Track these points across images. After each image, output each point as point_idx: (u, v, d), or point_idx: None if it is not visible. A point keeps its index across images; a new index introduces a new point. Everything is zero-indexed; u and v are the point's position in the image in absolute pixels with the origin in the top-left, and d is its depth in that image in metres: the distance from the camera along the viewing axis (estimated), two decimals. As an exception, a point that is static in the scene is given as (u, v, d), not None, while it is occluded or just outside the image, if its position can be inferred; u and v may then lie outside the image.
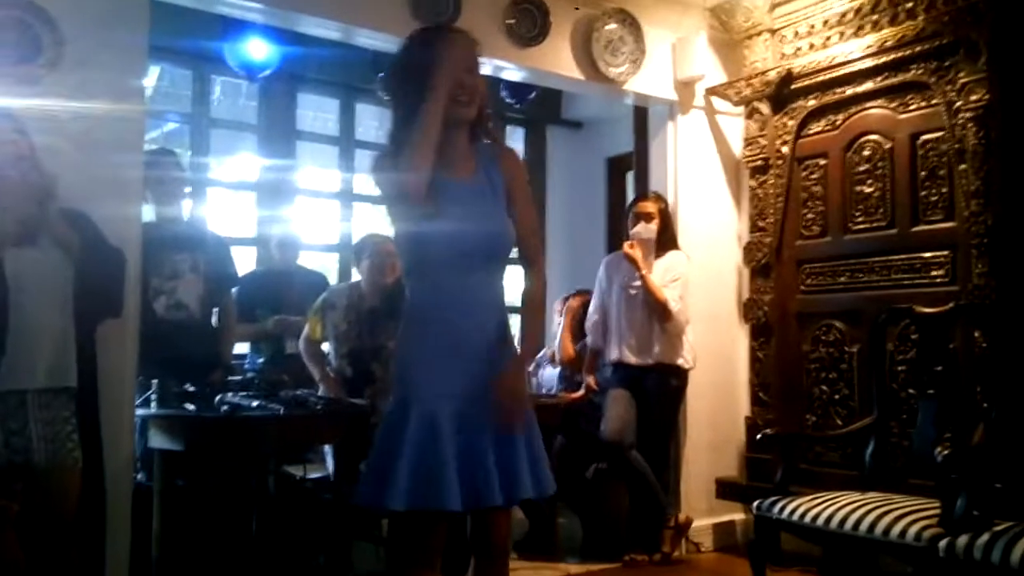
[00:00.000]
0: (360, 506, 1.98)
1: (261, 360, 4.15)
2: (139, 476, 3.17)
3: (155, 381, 3.07)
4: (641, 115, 4.76)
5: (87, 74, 2.90)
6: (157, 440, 3.04)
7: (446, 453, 1.82)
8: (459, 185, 1.93)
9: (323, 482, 3.60)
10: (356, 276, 3.72)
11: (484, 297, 1.96)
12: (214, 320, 3.62)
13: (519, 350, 2.06)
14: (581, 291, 4.62)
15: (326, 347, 3.63)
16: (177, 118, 4.88)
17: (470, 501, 1.83)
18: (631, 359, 3.87)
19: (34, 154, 2.41)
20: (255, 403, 2.99)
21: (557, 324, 4.62)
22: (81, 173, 2.66)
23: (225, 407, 2.96)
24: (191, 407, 2.97)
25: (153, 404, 3.04)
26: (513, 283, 2.17)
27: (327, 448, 3.58)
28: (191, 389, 3.06)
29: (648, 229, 3.84)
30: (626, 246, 3.83)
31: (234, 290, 3.77)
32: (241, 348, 4.19)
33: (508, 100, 5.37)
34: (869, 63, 3.78)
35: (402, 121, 1.91)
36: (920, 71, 3.62)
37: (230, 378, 3.41)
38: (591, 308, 4.14)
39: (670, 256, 3.92)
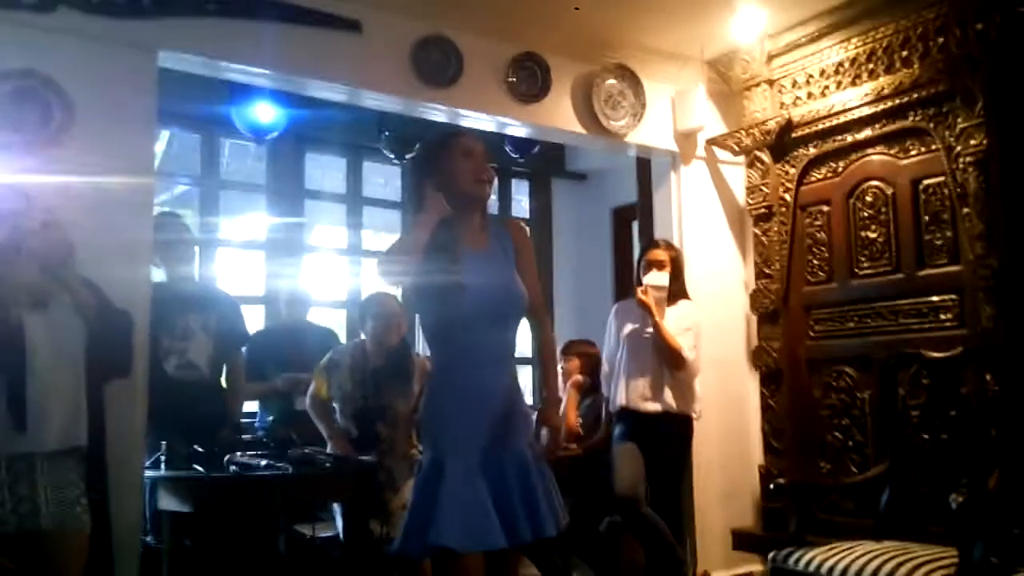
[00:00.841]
0: (407, 556, 2.19)
1: (270, 418, 4.14)
2: (148, 538, 3.15)
3: (164, 442, 3.07)
4: (644, 166, 4.82)
5: (98, 141, 2.98)
6: (166, 502, 3.03)
7: (484, 497, 2.02)
8: (477, 255, 2.18)
9: (333, 540, 3.57)
10: (363, 335, 3.73)
11: (501, 353, 2.20)
12: (223, 379, 3.63)
13: (545, 394, 2.36)
14: (575, 344, 4.57)
15: (332, 404, 3.63)
16: (187, 180, 4.95)
17: (509, 539, 2.02)
18: (640, 406, 3.81)
19: (51, 223, 2.46)
20: (263, 462, 2.98)
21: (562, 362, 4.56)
22: (93, 237, 2.71)
23: (234, 467, 2.95)
24: (200, 468, 2.96)
25: (162, 465, 3.04)
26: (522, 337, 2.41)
27: (336, 506, 3.55)
28: (199, 450, 3.05)
29: (661, 276, 3.82)
30: (639, 292, 3.80)
31: (244, 348, 3.78)
32: (250, 406, 4.18)
33: (512, 154, 5.44)
34: (867, 111, 3.82)
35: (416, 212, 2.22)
36: (918, 118, 3.66)
37: (239, 437, 3.41)
38: (604, 358, 4.10)
39: (682, 305, 3.88)
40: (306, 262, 5.13)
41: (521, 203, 6.16)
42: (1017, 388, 3.14)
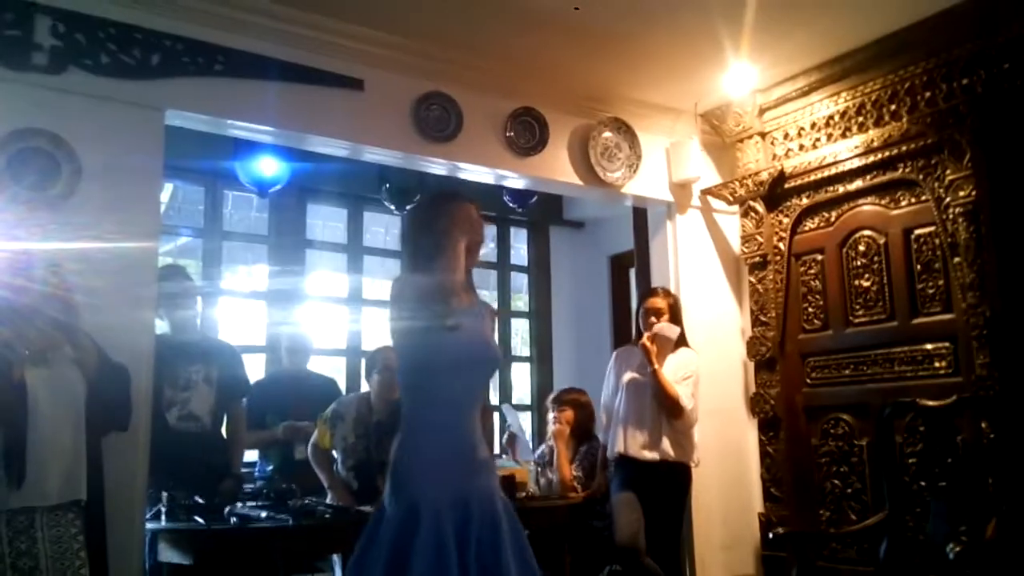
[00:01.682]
0: None
1: (270, 467, 4.14)
2: (148, 591, 3.15)
3: (164, 493, 3.07)
4: (640, 215, 4.89)
5: (104, 198, 3.04)
6: (166, 554, 3.03)
7: (452, 557, 2.01)
8: (467, 311, 2.27)
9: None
10: (365, 387, 3.75)
11: (473, 406, 2.25)
12: (224, 429, 3.64)
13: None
14: (567, 393, 4.57)
15: (334, 454, 3.64)
16: (190, 232, 5.02)
17: None
18: (637, 454, 3.79)
19: (54, 278, 2.51)
20: (264, 514, 2.98)
21: (551, 420, 4.54)
22: (98, 291, 2.75)
23: (234, 519, 2.96)
24: (200, 520, 2.96)
25: (163, 517, 3.04)
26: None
27: (336, 557, 3.54)
28: (200, 501, 3.06)
29: (672, 329, 3.84)
30: (646, 336, 3.81)
31: (245, 398, 3.81)
32: (250, 455, 4.19)
33: (511, 204, 5.51)
34: (858, 163, 3.91)
35: (429, 254, 2.26)
36: (908, 169, 3.74)
37: (241, 487, 3.42)
38: (602, 404, 4.09)
39: (681, 353, 3.88)
40: (307, 311, 5.18)
41: (520, 251, 6.22)
42: (1013, 436, 3.17)
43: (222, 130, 3.56)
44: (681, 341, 3.94)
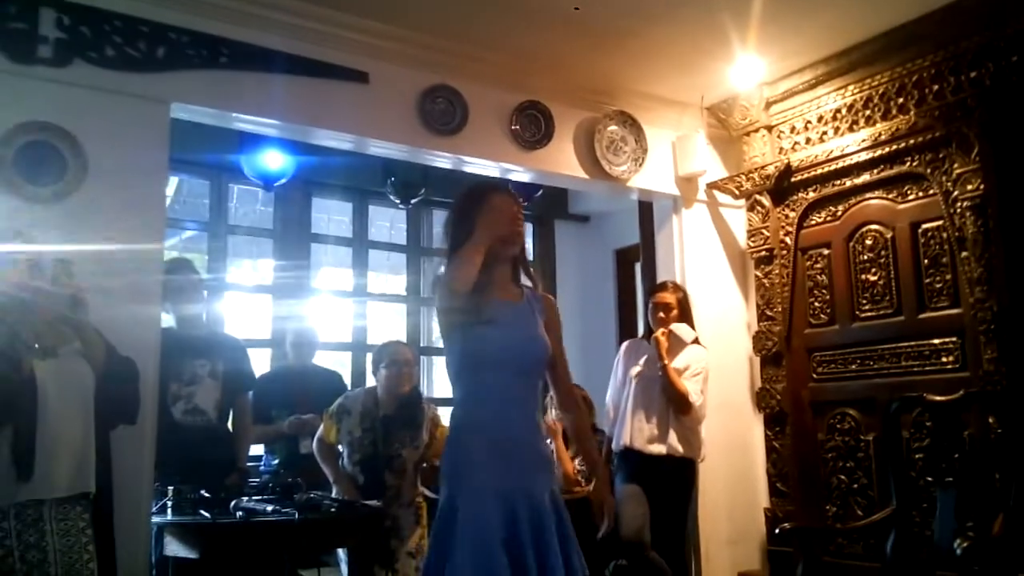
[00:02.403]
0: None
1: (276, 461, 4.15)
2: (154, 584, 3.15)
3: (171, 488, 3.08)
4: (646, 209, 4.87)
5: (110, 191, 3.04)
6: (172, 548, 3.02)
7: (497, 550, 2.01)
8: (508, 304, 2.26)
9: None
10: (372, 381, 3.74)
11: (522, 398, 2.22)
12: (230, 423, 3.65)
13: (591, 471, 2.38)
14: None
15: (339, 448, 3.63)
16: (195, 226, 5.02)
17: None
18: (643, 447, 3.78)
19: (63, 271, 2.51)
20: (270, 508, 2.99)
21: (554, 417, 4.53)
22: (105, 284, 2.75)
23: (240, 513, 2.96)
24: (206, 513, 2.97)
25: (169, 511, 3.05)
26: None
27: (341, 552, 3.54)
28: (206, 495, 3.06)
29: (689, 332, 3.84)
30: (659, 332, 3.80)
31: (250, 392, 3.81)
32: (256, 449, 4.19)
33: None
34: (865, 156, 3.89)
35: (455, 252, 2.25)
36: (915, 163, 3.72)
37: (247, 481, 3.42)
38: (608, 395, 4.08)
39: (691, 349, 3.86)
40: (312, 305, 5.18)
41: (525, 245, 6.21)
42: (1020, 431, 3.15)
43: (227, 123, 3.56)
44: (694, 339, 3.93)
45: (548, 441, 3.08)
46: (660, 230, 4.64)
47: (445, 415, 3.09)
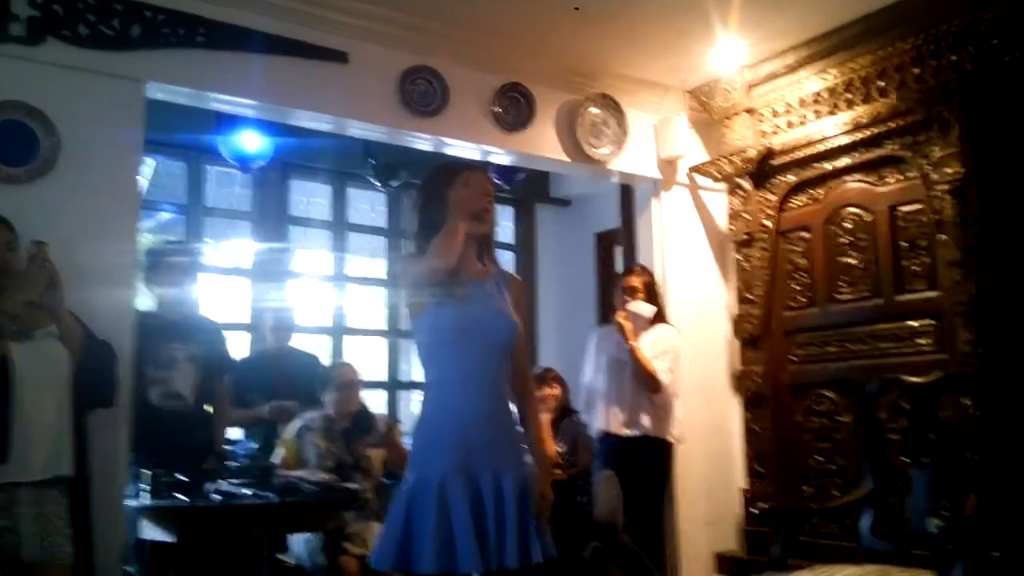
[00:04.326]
0: (384, 570, 2.17)
1: (254, 446, 4.13)
2: (130, 569, 3.13)
3: (147, 472, 3.05)
4: (627, 192, 4.87)
5: (84, 171, 3.00)
6: (149, 531, 3.01)
7: (463, 521, 2.04)
8: (476, 282, 2.24)
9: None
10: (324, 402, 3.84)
11: (491, 378, 2.20)
12: (208, 407, 3.62)
13: (535, 457, 2.27)
14: (547, 373, 4.58)
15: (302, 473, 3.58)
16: (172, 208, 4.96)
17: (488, 564, 2.03)
18: (618, 431, 3.83)
19: (37, 252, 2.48)
20: (248, 491, 2.97)
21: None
22: (78, 266, 2.73)
23: (218, 496, 2.94)
24: (183, 497, 2.95)
25: (145, 495, 3.02)
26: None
27: (300, 536, 3.54)
28: (183, 479, 3.04)
29: (647, 307, 3.87)
30: (620, 315, 3.85)
31: (228, 376, 3.78)
32: (234, 433, 4.17)
33: (497, 181, 5.47)
34: (845, 140, 3.90)
35: (428, 230, 2.23)
36: (895, 146, 3.74)
37: (225, 465, 3.40)
38: (583, 381, 4.12)
39: (659, 329, 3.93)
40: (291, 288, 5.14)
41: (506, 229, 6.19)
42: (994, 413, 3.19)
43: (204, 104, 3.51)
44: (659, 317, 3.96)
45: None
46: (641, 213, 4.64)
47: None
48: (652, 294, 3.96)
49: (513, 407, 2.25)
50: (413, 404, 5.74)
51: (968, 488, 2.94)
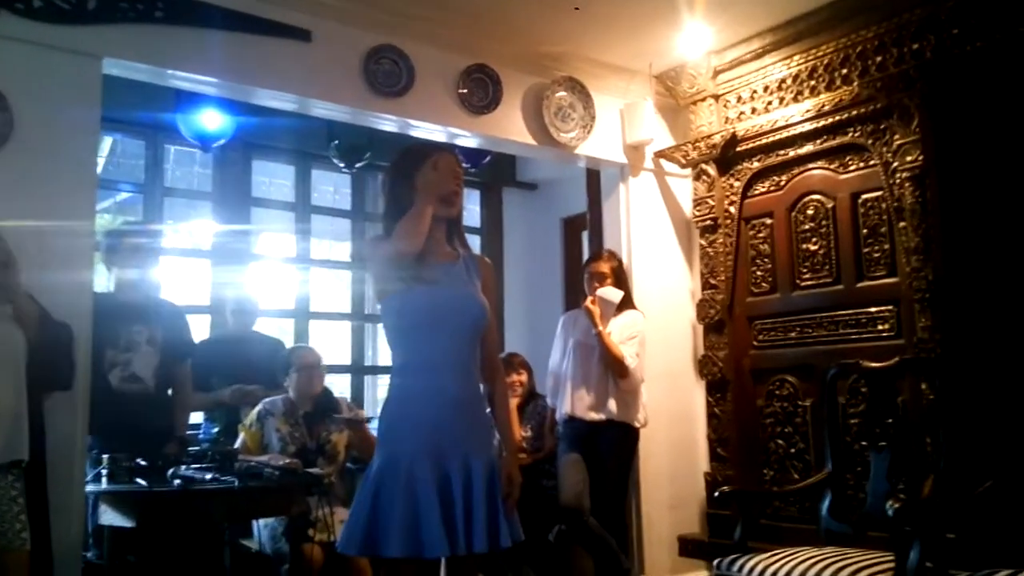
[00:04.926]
0: (351, 554, 2.20)
1: (216, 430, 4.08)
2: (89, 554, 3.08)
3: (106, 456, 3.00)
4: (593, 177, 4.87)
5: (39, 149, 2.92)
6: (108, 517, 2.96)
7: (431, 505, 2.03)
8: (445, 265, 2.24)
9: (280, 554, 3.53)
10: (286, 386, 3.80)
11: (460, 361, 2.19)
12: (169, 391, 3.57)
13: (503, 439, 2.31)
14: (514, 358, 4.58)
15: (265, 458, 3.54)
16: (130, 187, 4.86)
17: (455, 548, 2.03)
18: (584, 415, 3.86)
19: None
20: (209, 476, 2.93)
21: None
22: (34, 246, 2.66)
23: (178, 481, 2.90)
24: (143, 482, 2.90)
25: (104, 479, 2.97)
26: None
27: (263, 522, 3.51)
28: (143, 463, 3.00)
29: (615, 292, 3.89)
30: (588, 301, 3.88)
31: (190, 359, 3.72)
32: (195, 417, 4.12)
33: (464, 164, 5.43)
34: (809, 127, 3.93)
35: (396, 212, 2.22)
36: (857, 134, 3.78)
37: (186, 450, 3.35)
38: (550, 366, 4.14)
39: (627, 315, 3.96)
40: (253, 271, 5.07)
41: (472, 212, 6.17)
42: (951, 397, 3.25)
43: (163, 81, 3.42)
44: (627, 303, 3.99)
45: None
46: (607, 198, 4.65)
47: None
48: (620, 279, 3.99)
49: (482, 389, 2.25)
50: (379, 389, 5.71)
51: (925, 471, 3.00)
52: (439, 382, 2.15)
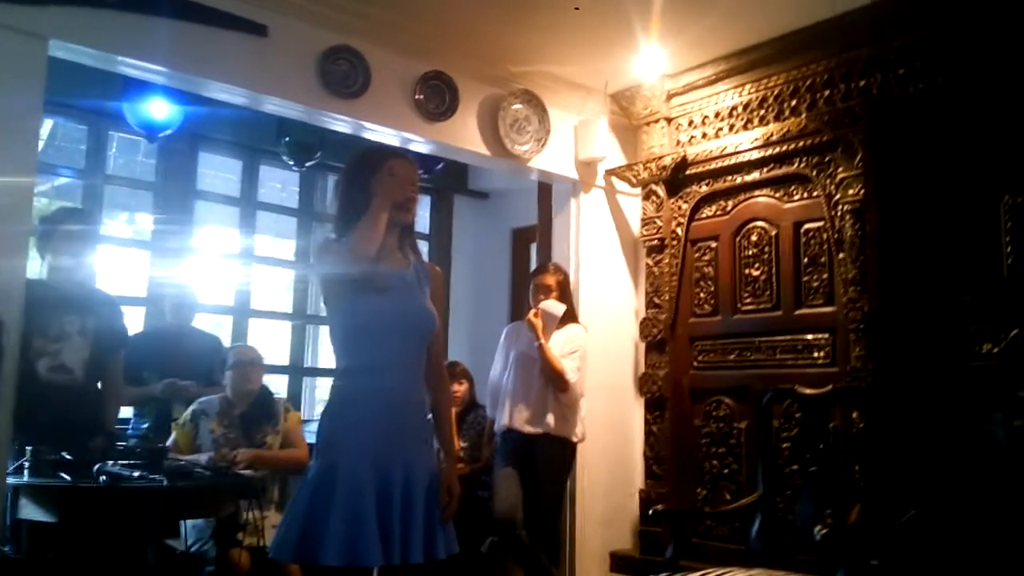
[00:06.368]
0: (284, 561, 2.16)
1: (145, 425, 3.98)
2: (6, 549, 2.97)
3: (29, 448, 2.90)
4: (545, 190, 4.89)
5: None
6: (28, 511, 2.85)
7: (369, 513, 2.01)
8: (396, 272, 2.21)
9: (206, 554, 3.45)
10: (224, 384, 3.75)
11: (406, 368, 2.19)
12: (100, 385, 3.46)
13: (444, 450, 2.31)
14: (454, 368, 4.58)
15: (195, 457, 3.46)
16: (69, 172, 4.71)
17: (391, 557, 2.01)
18: (522, 427, 3.86)
19: None
20: (136, 473, 2.85)
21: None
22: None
23: (104, 477, 2.81)
24: (67, 476, 2.81)
25: (26, 472, 2.87)
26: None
27: (191, 523, 3.44)
28: (68, 457, 2.90)
29: (558, 306, 3.91)
30: (531, 314, 3.88)
31: (122, 352, 3.62)
32: (125, 412, 4.00)
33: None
34: (756, 155, 4.02)
35: (349, 215, 2.20)
36: (803, 165, 3.87)
37: (113, 445, 3.26)
38: (490, 377, 4.14)
39: (569, 328, 3.97)
40: (193, 264, 4.96)
41: (422, 218, 6.14)
42: (880, 427, 3.34)
43: (110, 67, 3.32)
44: (570, 317, 4.01)
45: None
46: (558, 212, 4.67)
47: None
48: (565, 293, 4.01)
49: (425, 398, 2.24)
50: (317, 391, 5.64)
51: (852, 498, 3.08)
52: (385, 383, 2.14)
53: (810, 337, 3.80)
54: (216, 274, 5.22)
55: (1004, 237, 3.20)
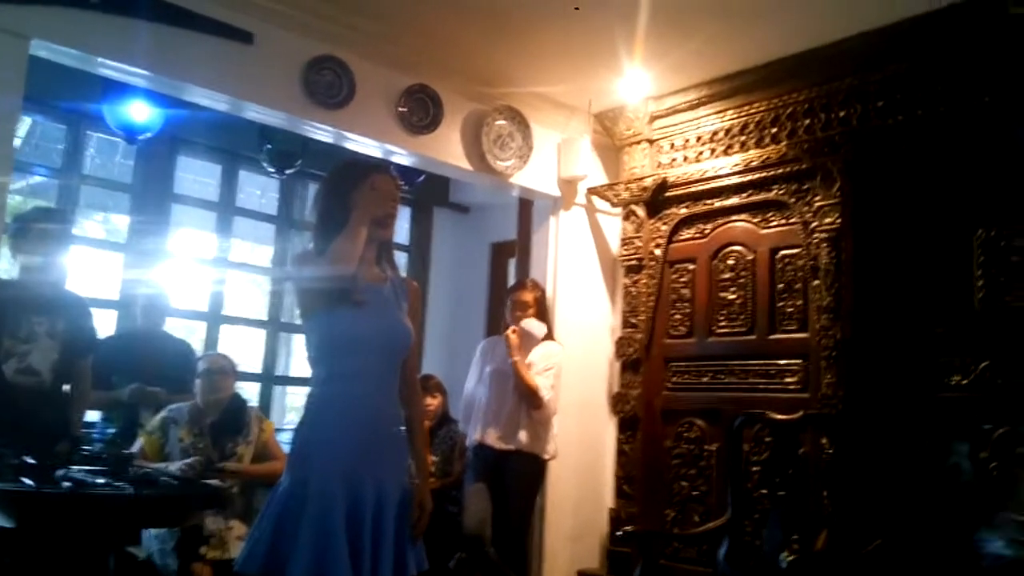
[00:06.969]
0: (250, 574, 2.09)
1: (112, 431, 3.92)
2: (-39, 554, 2.91)
3: (-9, 451, 2.85)
4: (526, 206, 4.90)
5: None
6: (-14, 516, 2.80)
7: (339, 529, 1.99)
8: (373, 287, 2.20)
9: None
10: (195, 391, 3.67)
11: (381, 382, 2.18)
12: (67, 388, 3.41)
13: (417, 465, 2.27)
14: (428, 382, 4.56)
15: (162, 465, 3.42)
16: (45, 171, 4.65)
17: (360, 574, 1.99)
18: (494, 443, 3.85)
19: None
20: (101, 480, 2.80)
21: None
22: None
23: (68, 483, 2.76)
24: (29, 481, 2.75)
25: (-14, 476, 2.81)
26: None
27: (152, 531, 3.38)
28: (31, 461, 2.85)
29: (540, 326, 3.90)
30: (510, 331, 3.86)
31: (91, 355, 3.57)
32: (91, 415, 3.94)
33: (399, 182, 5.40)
34: (735, 180, 4.05)
35: (328, 227, 2.17)
36: (781, 191, 3.91)
37: (79, 450, 3.21)
38: (464, 392, 4.12)
39: (545, 345, 3.97)
40: (168, 268, 4.91)
41: (402, 229, 6.12)
42: (848, 454, 3.37)
43: (92, 68, 3.30)
44: (547, 334, 4.01)
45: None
46: (538, 229, 4.69)
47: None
48: (542, 309, 4.01)
49: (400, 412, 2.22)
50: (288, 399, 5.59)
51: (819, 524, 3.10)
52: (360, 396, 2.13)
53: (783, 362, 3.83)
54: (190, 278, 5.17)
55: (976, 271, 3.24)
